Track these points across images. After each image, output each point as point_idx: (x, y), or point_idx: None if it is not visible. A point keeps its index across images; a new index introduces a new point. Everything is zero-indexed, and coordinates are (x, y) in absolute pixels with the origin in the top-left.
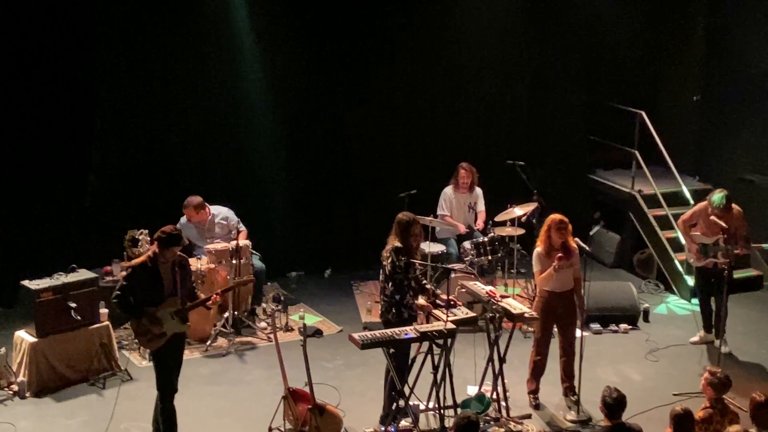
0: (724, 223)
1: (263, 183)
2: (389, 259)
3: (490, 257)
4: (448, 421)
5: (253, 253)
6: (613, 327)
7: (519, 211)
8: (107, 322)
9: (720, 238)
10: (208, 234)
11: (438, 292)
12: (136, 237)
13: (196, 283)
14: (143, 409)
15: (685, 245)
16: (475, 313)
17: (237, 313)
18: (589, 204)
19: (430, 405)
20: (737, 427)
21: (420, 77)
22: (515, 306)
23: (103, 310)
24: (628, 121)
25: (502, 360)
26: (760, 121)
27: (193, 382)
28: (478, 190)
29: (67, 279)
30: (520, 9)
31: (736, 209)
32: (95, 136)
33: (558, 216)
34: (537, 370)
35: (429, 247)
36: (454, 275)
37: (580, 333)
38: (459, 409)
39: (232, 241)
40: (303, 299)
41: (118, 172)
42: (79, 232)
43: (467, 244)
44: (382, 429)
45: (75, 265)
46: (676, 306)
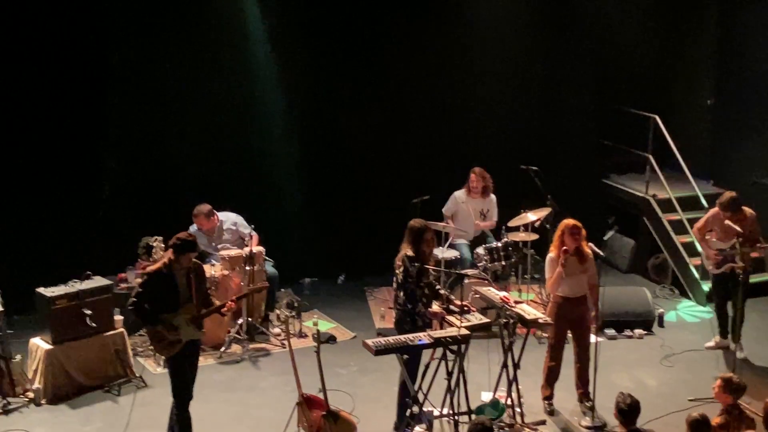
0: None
1: (276, 189)
2: (401, 268)
3: (503, 263)
4: (463, 428)
5: (266, 259)
6: (627, 332)
7: (532, 216)
8: (122, 329)
9: (735, 242)
10: (217, 241)
11: (452, 297)
12: (150, 244)
13: (210, 290)
14: (158, 415)
15: (702, 253)
16: (489, 319)
17: (251, 319)
18: (602, 209)
19: (444, 411)
20: None
21: (433, 82)
22: (529, 312)
23: (118, 317)
24: (642, 125)
25: (516, 366)
26: None
27: (207, 388)
28: (493, 198)
29: (82, 286)
30: (532, 13)
31: (749, 212)
32: (109, 145)
33: (571, 221)
34: (551, 376)
35: (442, 252)
36: (467, 281)
37: (594, 339)
38: (473, 416)
39: (246, 248)
40: (316, 305)
41: (132, 180)
42: (94, 239)
43: (481, 250)
44: None
45: (90, 273)
46: (685, 313)
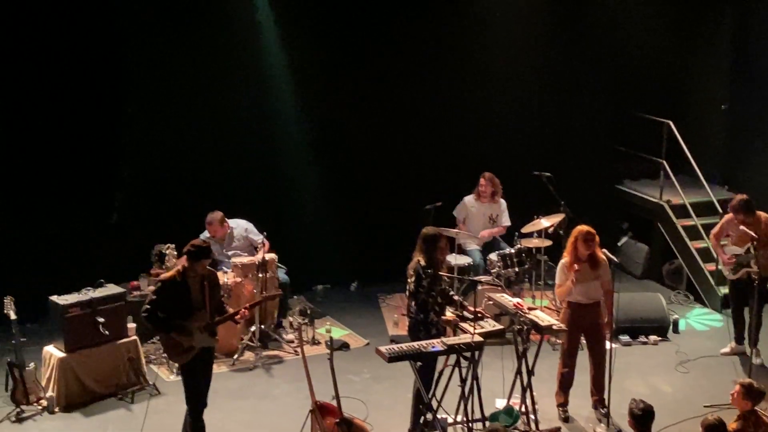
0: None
1: (289, 197)
2: (413, 277)
3: (517, 269)
4: None
5: (279, 266)
6: (642, 338)
7: (546, 222)
8: (135, 337)
9: (750, 246)
10: (227, 248)
11: (465, 303)
12: (163, 252)
13: (222, 297)
14: (172, 423)
15: (718, 259)
16: (502, 326)
17: (264, 326)
18: (616, 214)
19: (458, 418)
20: None
21: (446, 88)
22: (543, 318)
23: (131, 325)
24: (656, 131)
25: (530, 372)
26: None
27: (220, 396)
28: (503, 203)
29: (95, 294)
30: (546, 19)
31: (763, 215)
32: (122, 153)
33: (585, 227)
34: (565, 383)
35: (455, 259)
36: (481, 287)
37: (609, 345)
38: (487, 423)
39: (258, 255)
40: (329, 312)
41: (145, 187)
42: (107, 247)
43: (494, 256)
44: None
45: (103, 280)
46: (696, 321)
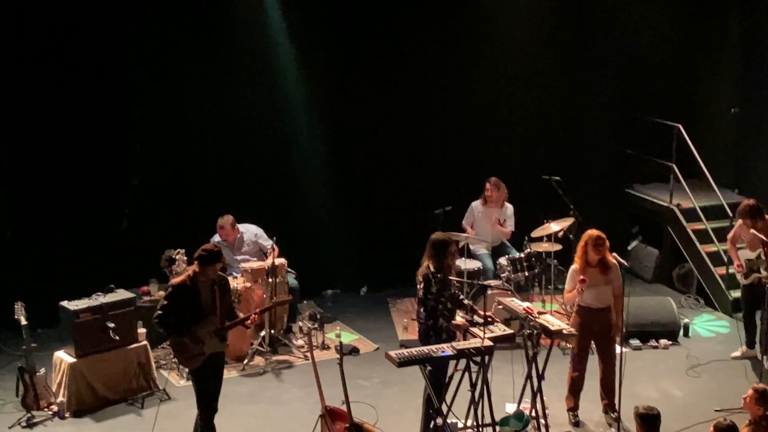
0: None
1: (298, 202)
2: (422, 284)
3: (526, 273)
4: None
5: (288, 271)
6: (652, 343)
7: (555, 226)
8: (145, 342)
9: (762, 251)
10: (237, 252)
11: (476, 307)
12: (173, 257)
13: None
14: (182, 428)
15: (734, 263)
16: (512, 330)
17: (273, 331)
18: (626, 218)
19: (469, 423)
20: None
21: (455, 92)
22: (553, 322)
23: (141, 330)
24: (665, 135)
25: (540, 377)
26: None
27: (230, 401)
28: (509, 208)
29: (105, 299)
30: (556, 23)
31: None
32: (132, 159)
33: (595, 232)
34: (575, 387)
35: (465, 263)
36: (490, 292)
37: (619, 349)
38: (498, 427)
39: (268, 260)
40: (339, 317)
41: (154, 193)
42: (117, 252)
43: (503, 261)
44: None
45: (113, 286)
46: (702, 327)
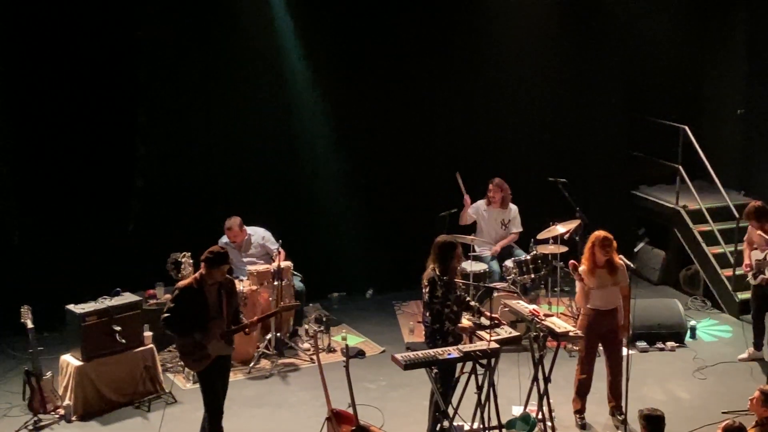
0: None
1: (304, 204)
2: (427, 288)
3: (532, 275)
4: None
5: (294, 274)
6: (659, 345)
7: (561, 228)
8: (151, 345)
9: (766, 253)
10: (244, 254)
11: (482, 309)
12: (179, 260)
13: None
14: (188, 431)
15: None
16: (518, 333)
17: (279, 334)
18: (632, 220)
19: (475, 426)
20: None
21: (459, 95)
22: (559, 325)
23: (148, 333)
24: (671, 136)
25: (547, 379)
26: None
27: (236, 404)
28: (514, 209)
29: (111, 303)
30: (561, 25)
31: None
32: (138, 162)
33: (602, 233)
34: (582, 390)
35: (471, 266)
36: (496, 294)
37: (626, 351)
38: (504, 430)
39: (273, 263)
40: (345, 320)
41: (161, 196)
42: (123, 256)
43: (509, 263)
44: None
45: (119, 289)
46: (704, 332)
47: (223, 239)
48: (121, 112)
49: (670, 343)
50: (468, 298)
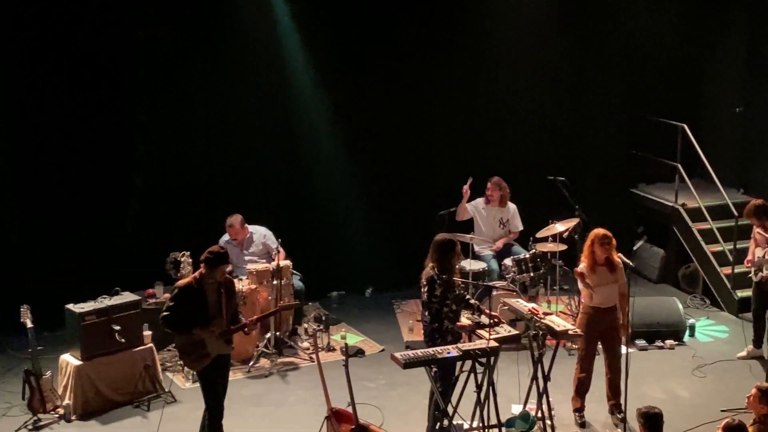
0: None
1: (304, 204)
2: (426, 287)
3: (532, 274)
4: None
5: (293, 273)
6: (658, 343)
7: (560, 226)
8: (151, 345)
9: (766, 251)
10: (246, 253)
11: (482, 307)
12: (178, 259)
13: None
14: (188, 430)
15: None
16: (518, 331)
17: (279, 333)
18: (632, 219)
19: (474, 424)
20: None
21: (459, 94)
22: (559, 323)
23: (147, 333)
24: (670, 134)
25: (546, 378)
26: None
27: (236, 403)
28: (512, 207)
29: (110, 302)
30: (560, 23)
31: None
32: (137, 161)
33: (602, 230)
34: (582, 388)
35: (470, 264)
36: (496, 293)
37: (625, 349)
38: (503, 429)
39: (273, 262)
40: (344, 319)
41: (160, 195)
42: (122, 255)
43: (508, 261)
44: None
45: (118, 288)
46: (700, 332)
47: (225, 237)
48: (121, 111)
49: (669, 342)
50: (468, 297)
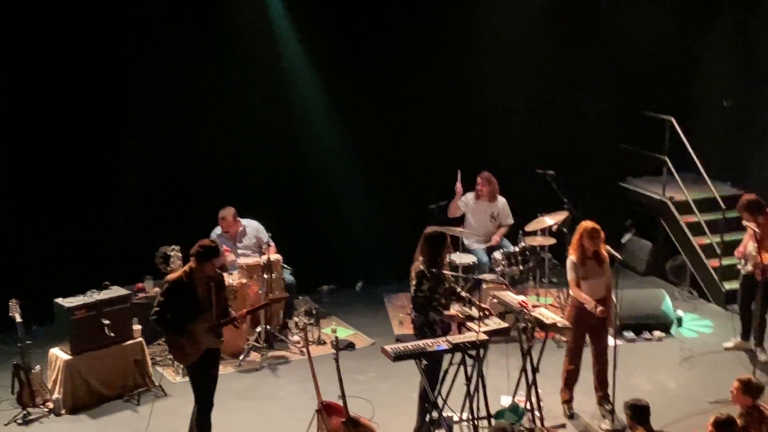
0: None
1: (294, 198)
2: (414, 281)
3: (521, 267)
4: None
5: (284, 267)
6: (646, 335)
7: (549, 220)
8: (141, 339)
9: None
10: (239, 246)
11: (474, 299)
12: (168, 253)
13: (228, 299)
14: (178, 425)
15: None
16: (507, 324)
17: (269, 327)
18: (620, 212)
19: (464, 416)
20: None
21: (449, 87)
22: (547, 315)
23: (137, 327)
24: (658, 128)
25: (535, 370)
26: None
27: (226, 397)
28: (502, 201)
29: (100, 296)
30: (549, 17)
31: None
32: (127, 155)
33: (590, 223)
34: (570, 380)
35: (460, 258)
36: (485, 286)
37: (613, 341)
38: (493, 420)
39: (263, 256)
40: (335, 313)
41: (149, 189)
42: (112, 249)
43: (498, 254)
44: None
45: (108, 283)
46: (684, 327)
47: (217, 231)
48: (110, 105)
49: (657, 334)
50: (458, 290)
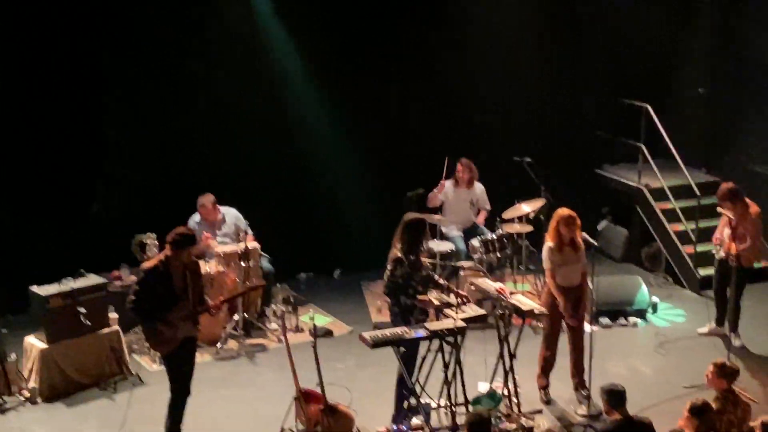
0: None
1: (270, 185)
2: (389, 267)
3: (498, 254)
4: (460, 419)
5: (262, 255)
6: (622, 321)
7: (527, 207)
8: (117, 327)
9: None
10: (218, 233)
11: (452, 287)
12: (144, 241)
13: (205, 287)
14: (154, 413)
15: None
16: (484, 311)
17: (247, 315)
18: (596, 199)
19: (442, 403)
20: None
21: (427, 74)
22: (525, 302)
23: (113, 315)
24: (634, 115)
25: (512, 356)
26: None
27: (204, 385)
28: (479, 187)
29: (76, 284)
30: (526, 7)
31: (753, 209)
32: (104, 142)
33: (566, 211)
34: (547, 366)
35: (437, 245)
36: (463, 273)
37: (589, 327)
38: (470, 406)
39: (240, 244)
40: (313, 300)
41: (125, 177)
42: (88, 237)
43: (475, 242)
44: (394, 428)
45: (83, 270)
46: (656, 317)
47: (195, 218)
48: (88, 93)
49: (632, 319)
50: (437, 277)
